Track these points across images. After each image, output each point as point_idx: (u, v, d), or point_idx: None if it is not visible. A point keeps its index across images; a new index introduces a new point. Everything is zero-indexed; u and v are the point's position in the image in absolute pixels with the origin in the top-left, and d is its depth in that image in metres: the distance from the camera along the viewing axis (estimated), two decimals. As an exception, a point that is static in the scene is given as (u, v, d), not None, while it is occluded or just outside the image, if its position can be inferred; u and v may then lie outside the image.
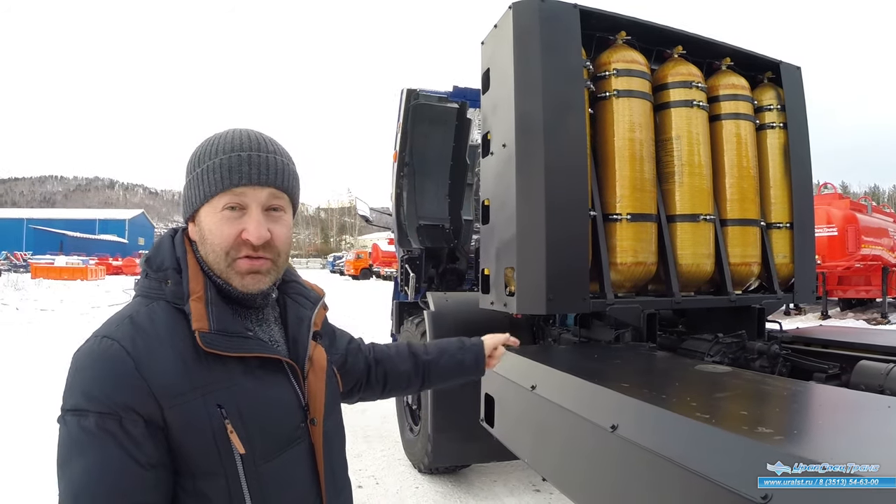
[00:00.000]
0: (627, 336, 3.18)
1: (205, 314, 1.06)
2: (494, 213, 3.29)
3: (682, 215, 3.36)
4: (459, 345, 1.80)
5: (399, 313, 5.72)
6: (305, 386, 1.18)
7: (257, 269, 1.11)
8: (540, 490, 4.48)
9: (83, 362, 1.02)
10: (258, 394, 1.09)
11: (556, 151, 2.96)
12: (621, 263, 3.18)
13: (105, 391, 0.97)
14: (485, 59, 3.44)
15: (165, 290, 1.11)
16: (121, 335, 1.03)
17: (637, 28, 3.46)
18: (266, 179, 1.11)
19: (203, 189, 1.11)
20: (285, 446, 1.12)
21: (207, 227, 1.11)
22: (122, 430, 0.96)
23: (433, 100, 5.57)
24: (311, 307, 1.27)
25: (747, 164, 3.61)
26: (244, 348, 1.08)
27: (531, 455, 2.70)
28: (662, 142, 3.40)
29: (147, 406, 0.98)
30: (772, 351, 3.15)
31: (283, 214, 1.16)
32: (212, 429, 1.02)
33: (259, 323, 1.19)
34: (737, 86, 3.67)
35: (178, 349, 1.04)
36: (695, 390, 2.25)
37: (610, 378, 2.38)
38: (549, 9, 3.10)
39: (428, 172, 5.63)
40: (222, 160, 1.10)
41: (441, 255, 5.53)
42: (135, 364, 1.00)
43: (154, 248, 1.18)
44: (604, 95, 3.27)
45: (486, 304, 3.36)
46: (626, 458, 1.89)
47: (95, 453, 0.95)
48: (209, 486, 1.04)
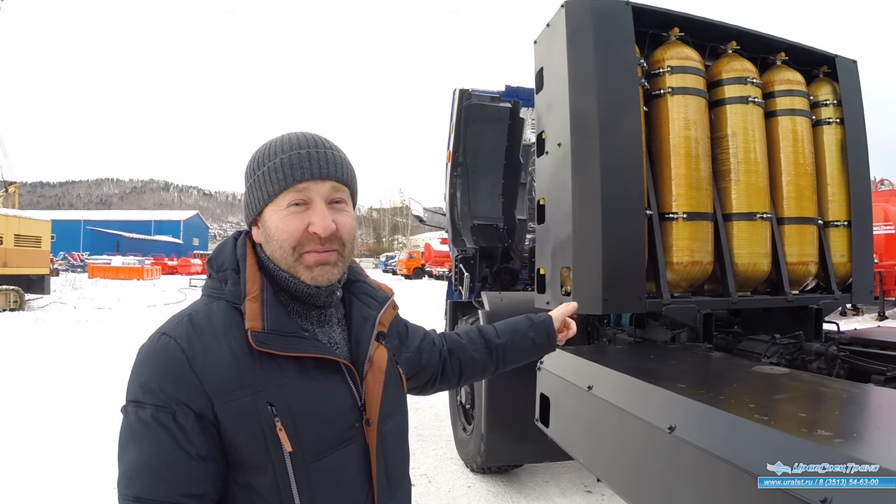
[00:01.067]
0: (683, 336, 3.13)
1: (259, 314, 1.09)
2: (550, 212, 3.28)
3: (738, 214, 3.30)
4: (529, 322, 1.75)
5: (453, 313, 5.73)
6: (363, 387, 1.18)
7: (325, 260, 1.14)
8: (591, 491, 4.45)
9: (144, 357, 1.08)
10: (310, 394, 1.11)
11: (612, 150, 2.93)
12: (677, 263, 3.14)
13: (160, 385, 1.03)
14: (538, 59, 3.43)
15: (225, 291, 1.15)
16: (178, 333, 1.08)
17: (690, 24, 3.41)
18: (327, 173, 1.14)
19: (266, 189, 1.14)
20: (337, 445, 1.13)
21: (273, 224, 1.14)
22: (174, 423, 1.01)
23: (485, 100, 5.57)
24: (377, 307, 1.28)
25: (804, 161, 3.52)
26: (298, 348, 1.10)
27: (585, 455, 2.68)
28: (718, 139, 3.34)
29: (199, 401, 1.03)
30: (829, 352, 3.07)
31: (345, 206, 1.18)
32: (261, 426, 1.05)
33: (321, 324, 1.21)
34: (792, 81, 3.59)
35: (232, 347, 1.07)
36: (753, 392, 2.22)
37: (667, 379, 2.35)
38: (601, 6, 3.08)
39: (481, 172, 5.62)
40: (283, 159, 1.13)
41: (495, 255, 5.53)
42: (189, 361, 1.04)
43: (216, 250, 1.23)
44: (658, 93, 3.23)
45: (542, 303, 3.35)
46: (683, 460, 1.87)
47: (150, 442, 1.01)
48: (258, 480, 1.07)
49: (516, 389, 3.57)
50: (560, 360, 2.91)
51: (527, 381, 3.17)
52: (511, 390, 3.84)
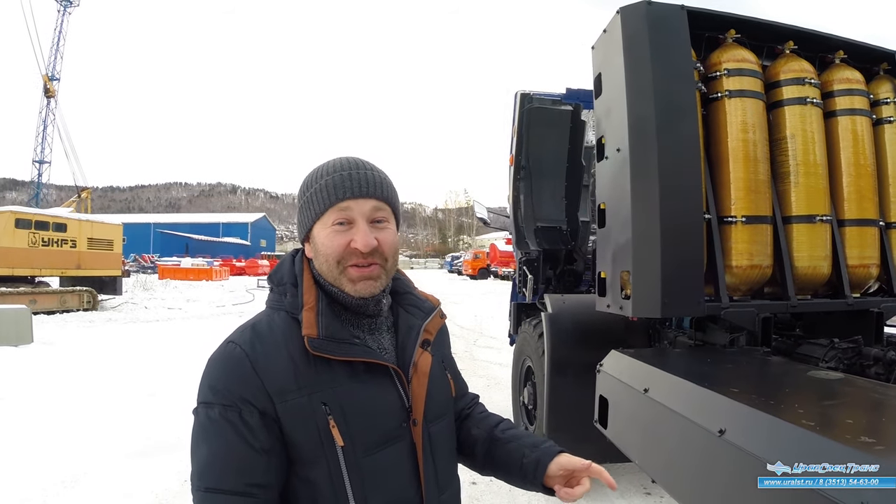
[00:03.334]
0: (742, 340, 3.13)
1: (314, 322, 1.19)
2: (610, 216, 3.31)
3: (798, 216, 3.26)
4: (533, 443, 1.47)
5: (517, 314, 5.77)
6: (410, 389, 1.27)
7: (367, 275, 1.23)
8: (651, 493, 4.45)
9: (212, 363, 1.20)
10: (361, 395, 1.20)
11: (670, 154, 2.95)
12: (736, 266, 3.13)
13: (227, 387, 1.15)
14: (596, 64, 3.46)
15: (285, 303, 1.27)
16: (243, 340, 1.20)
17: (745, 25, 3.39)
18: (367, 192, 1.24)
19: (313, 209, 1.26)
20: (386, 443, 1.22)
21: (320, 241, 1.25)
22: (240, 420, 1.13)
23: (547, 103, 5.60)
24: (423, 317, 1.36)
25: (864, 162, 3.46)
26: (349, 353, 1.20)
27: (641, 457, 2.72)
28: (776, 141, 3.31)
29: (261, 400, 1.14)
30: (888, 357, 3.01)
31: (387, 224, 1.27)
32: (316, 423, 1.15)
33: (371, 331, 1.30)
34: (851, 80, 3.53)
35: (291, 353, 1.18)
36: (804, 397, 2.23)
37: (721, 383, 2.38)
38: (656, 11, 3.09)
39: (544, 175, 5.64)
40: (327, 181, 1.25)
41: (558, 257, 5.56)
42: (252, 365, 1.15)
43: (277, 266, 1.35)
44: (715, 96, 3.22)
45: (603, 306, 3.38)
46: (732, 463, 1.90)
47: (218, 438, 1.13)
48: (315, 473, 1.17)
49: (578, 391, 3.60)
50: (619, 363, 2.95)
51: (588, 383, 3.20)
52: (573, 391, 3.87)
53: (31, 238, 18.10)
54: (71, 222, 20.13)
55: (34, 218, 18.84)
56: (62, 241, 19.27)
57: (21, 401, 7.24)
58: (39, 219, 19.05)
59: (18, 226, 17.76)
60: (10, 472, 4.81)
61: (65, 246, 19.36)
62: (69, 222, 20.02)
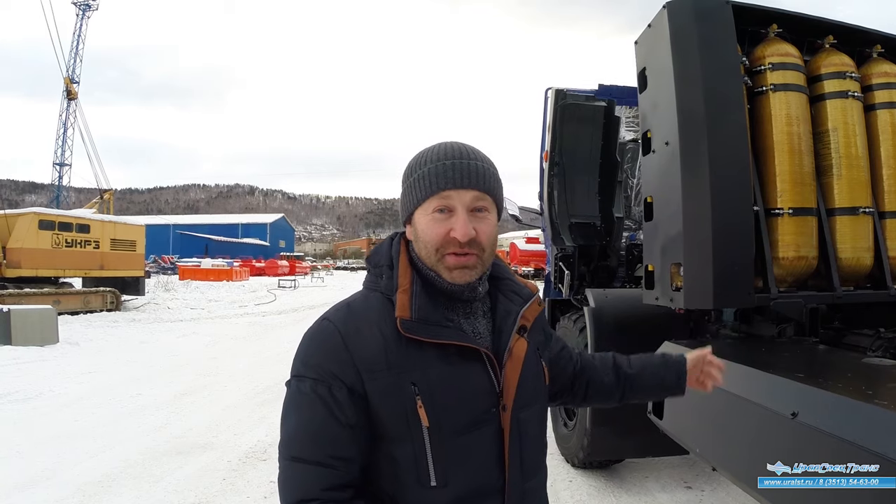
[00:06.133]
0: (790, 331, 3.16)
1: (408, 304, 1.22)
2: (658, 210, 3.35)
3: (841, 209, 3.30)
4: (662, 361, 1.72)
5: (552, 310, 5.78)
6: (502, 375, 1.27)
7: (464, 264, 1.25)
8: (692, 487, 4.48)
9: (307, 338, 1.25)
10: (450, 377, 1.21)
11: (720, 148, 3.00)
12: (783, 258, 3.17)
13: (319, 362, 1.20)
14: (640, 59, 3.50)
15: (380, 284, 1.30)
16: (337, 318, 1.25)
17: (787, 20, 3.43)
18: (469, 183, 1.24)
19: (416, 195, 1.28)
20: (473, 426, 1.23)
21: (420, 227, 1.27)
22: (329, 395, 1.17)
23: (581, 99, 5.61)
24: (521, 303, 1.38)
25: (905, 155, 3.50)
26: (441, 336, 1.21)
27: (702, 445, 2.75)
28: (819, 134, 3.35)
29: (350, 376, 1.18)
30: None
31: (487, 214, 1.28)
32: (403, 402, 1.18)
33: (466, 315, 1.32)
34: (889, 73, 3.55)
35: (383, 332, 1.21)
36: (867, 381, 2.28)
37: (783, 369, 2.42)
38: (703, 6, 3.14)
39: (578, 171, 5.63)
40: (430, 169, 1.26)
41: (592, 253, 5.57)
42: (343, 341, 1.20)
43: (375, 248, 1.39)
44: (760, 90, 3.26)
45: (651, 299, 3.41)
46: (807, 444, 1.94)
47: (307, 410, 1.18)
48: (399, 451, 1.20)
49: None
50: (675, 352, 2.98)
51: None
52: None
53: (55, 239, 18.33)
54: (94, 223, 20.37)
55: (57, 219, 19.08)
56: (85, 242, 19.51)
57: (50, 401, 7.34)
58: (63, 220, 19.28)
59: (42, 227, 17.98)
60: (45, 472, 4.84)
61: (88, 247, 19.61)
62: (92, 223, 20.26)
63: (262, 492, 4.49)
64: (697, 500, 4.27)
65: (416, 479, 1.20)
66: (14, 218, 17.95)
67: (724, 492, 4.31)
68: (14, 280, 16.86)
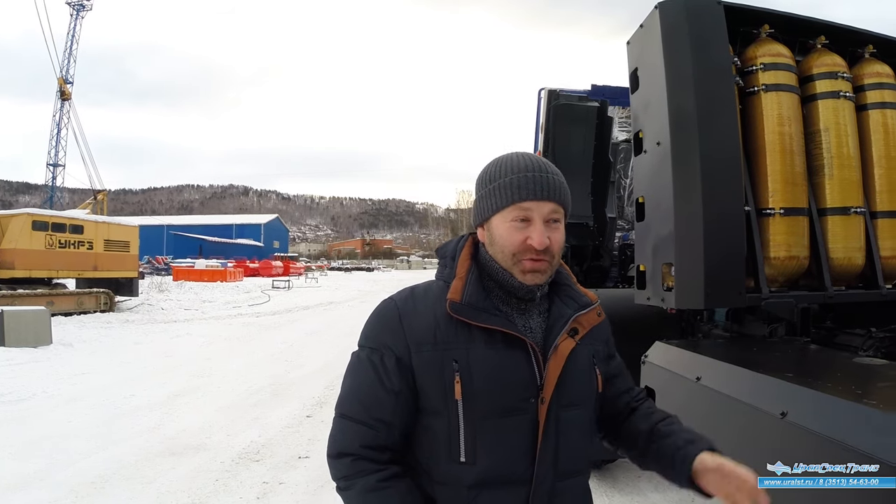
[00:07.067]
0: (781, 330, 3.17)
1: (461, 290, 1.32)
2: (650, 210, 3.36)
3: (832, 208, 3.32)
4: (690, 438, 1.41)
5: None
6: (546, 369, 1.31)
7: (537, 269, 1.32)
8: (684, 486, 4.45)
9: (373, 314, 1.40)
10: (492, 360, 1.29)
11: (711, 148, 3.01)
12: (775, 258, 3.18)
13: (376, 334, 1.36)
14: (632, 59, 3.51)
15: (444, 273, 1.42)
16: (399, 298, 1.39)
17: (779, 20, 3.45)
18: (548, 195, 1.33)
19: (495, 202, 1.35)
20: (508, 413, 1.29)
21: (498, 232, 1.35)
22: (380, 362, 1.31)
23: (573, 99, 5.63)
24: (577, 308, 1.41)
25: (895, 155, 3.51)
26: (487, 321, 1.30)
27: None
28: (810, 134, 3.36)
29: (400, 348, 1.31)
30: None
31: (559, 225, 1.36)
32: (443, 377, 1.28)
33: (521, 312, 1.38)
34: (881, 74, 3.57)
35: (436, 314, 1.32)
36: (857, 380, 2.28)
37: (773, 368, 2.44)
38: (694, 6, 3.15)
39: (571, 171, 5.61)
40: (512, 179, 1.33)
41: (585, 253, 5.58)
42: (399, 318, 1.34)
43: (445, 244, 1.49)
44: (752, 90, 3.28)
45: (643, 299, 3.42)
46: (795, 444, 1.95)
47: (360, 375, 1.34)
48: (436, 423, 1.31)
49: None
50: (666, 353, 3.00)
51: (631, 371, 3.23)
52: None
53: (49, 240, 18.24)
54: (87, 224, 20.28)
55: (51, 220, 18.97)
56: (79, 243, 19.42)
57: (44, 402, 7.30)
58: (56, 221, 19.19)
59: (35, 228, 17.88)
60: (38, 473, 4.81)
61: (81, 248, 19.51)
62: (86, 224, 20.17)
63: (254, 492, 4.47)
64: (689, 499, 4.22)
65: (448, 453, 1.29)
66: (7, 219, 17.87)
67: (716, 491, 4.30)
68: (7, 281, 16.75)
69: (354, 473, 1.29)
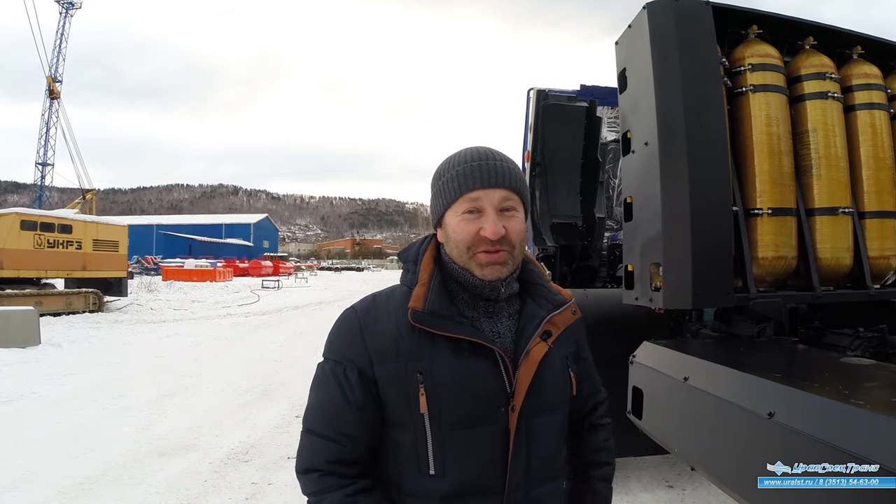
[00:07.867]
0: (769, 330, 3.18)
1: (422, 297, 1.27)
2: (638, 210, 3.35)
3: (820, 209, 3.32)
4: None
5: None
6: (515, 376, 1.27)
7: (495, 260, 1.27)
8: (673, 486, 4.49)
9: (335, 325, 1.36)
10: (458, 370, 1.25)
11: (699, 148, 3.01)
12: (762, 258, 3.19)
13: (339, 345, 1.32)
14: (620, 59, 3.50)
15: (407, 278, 1.37)
16: (361, 307, 1.35)
17: (767, 21, 3.45)
18: (496, 182, 1.28)
19: (445, 197, 1.32)
20: (476, 422, 1.25)
21: (451, 228, 1.31)
22: (343, 376, 1.28)
23: (562, 99, 5.62)
24: (550, 308, 1.37)
25: (883, 155, 3.51)
26: (451, 329, 1.25)
27: (680, 445, 2.75)
28: (798, 135, 3.37)
29: (363, 361, 1.27)
30: None
31: (515, 213, 1.31)
32: (407, 389, 1.25)
33: (489, 315, 1.33)
34: (869, 75, 3.58)
35: (398, 323, 1.28)
36: (844, 380, 2.29)
37: (760, 368, 2.43)
38: (682, 7, 3.15)
39: (559, 171, 5.63)
40: (458, 171, 1.31)
41: (574, 253, 5.58)
42: (361, 329, 1.30)
43: (407, 247, 1.44)
44: (740, 91, 3.28)
45: (631, 299, 3.42)
46: (783, 444, 1.94)
47: (324, 389, 1.31)
48: (403, 436, 1.28)
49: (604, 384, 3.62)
50: (654, 353, 3.00)
51: (615, 376, 3.22)
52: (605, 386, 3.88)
53: (37, 240, 18.12)
54: (76, 224, 20.15)
55: (39, 219, 18.85)
56: (67, 243, 19.30)
57: (32, 402, 7.25)
58: (45, 220, 19.06)
59: (24, 227, 17.76)
60: (26, 475, 4.77)
61: (70, 247, 19.39)
62: (74, 224, 20.04)
63: (243, 493, 4.45)
64: (679, 499, 4.28)
65: (417, 466, 1.26)
66: (-5, 218, 17.71)
67: (705, 490, 4.32)
68: (-5, 281, 16.64)
69: (323, 489, 1.26)
